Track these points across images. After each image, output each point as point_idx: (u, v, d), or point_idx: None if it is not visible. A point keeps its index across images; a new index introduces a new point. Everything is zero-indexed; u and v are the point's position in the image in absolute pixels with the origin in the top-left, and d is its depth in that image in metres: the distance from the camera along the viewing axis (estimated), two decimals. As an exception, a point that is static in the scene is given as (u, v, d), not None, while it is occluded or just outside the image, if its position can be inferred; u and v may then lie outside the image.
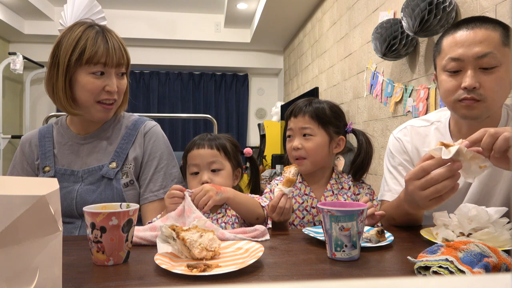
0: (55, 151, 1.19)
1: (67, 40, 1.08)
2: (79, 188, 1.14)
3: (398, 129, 1.26)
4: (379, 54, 2.18)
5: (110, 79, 1.11)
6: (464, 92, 0.99)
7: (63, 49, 1.08)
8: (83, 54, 1.06)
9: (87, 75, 1.09)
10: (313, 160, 1.19)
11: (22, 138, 1.26)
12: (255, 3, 4.54)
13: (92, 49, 1.07)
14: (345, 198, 1.21)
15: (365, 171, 1.24)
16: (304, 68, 4.54)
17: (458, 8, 1.79)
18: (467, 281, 0.35)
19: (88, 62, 1.07)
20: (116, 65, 1.11)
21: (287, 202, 1.04)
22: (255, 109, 6.39)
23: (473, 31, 1.00)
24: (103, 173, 1.15)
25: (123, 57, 1.13)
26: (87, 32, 1.09)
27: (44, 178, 0.55)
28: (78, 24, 1.12)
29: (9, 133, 4.90)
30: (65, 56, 1.07)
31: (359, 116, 2.88)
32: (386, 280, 0.32)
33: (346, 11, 3.15)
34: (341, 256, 0.77)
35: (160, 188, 1.19)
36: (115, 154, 1.18)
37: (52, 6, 4.93)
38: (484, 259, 0.66)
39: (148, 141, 1.22)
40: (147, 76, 6.02)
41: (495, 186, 1.08)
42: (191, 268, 0.69)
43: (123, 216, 0.76)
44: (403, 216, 1.06)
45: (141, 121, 1.26)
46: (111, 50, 1.09)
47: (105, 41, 1.09)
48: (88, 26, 1.11)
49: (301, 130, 1.20)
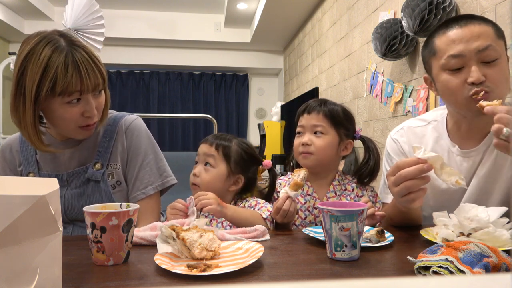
0: (37, 157, 1.15)
1: (32, 67, 0.94)
2: (66, 193, 1.11)
3: (395, 130, 1.26)
4: (379, 54, 2.18)
5: (87, 104, 1.02)
6: (472, 87, 0.98)
7: (28, 77, 0.95)
8: (55, 86, 0.94)
9: (62, 105, 0.98)
10: (319, 157, 1.19)
11: (2, 144, 1.19)
12: (255, 3, 4.54)
13: (64, 82, 0.94)
14: (348, 199, 1.21)
15: (375, 177, 1.25)
16: (304, 68, 4.54)
17: (458, 8, 1.79)
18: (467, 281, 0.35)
19: (61, 94, 0.96)
20: (92, 90, 1.01)
21: (292, 205, 1.04)
22: (255, 109, 6.39)
23: (467, 27, 1.00)
24: (88, 175, 1.11)
25: (98, 79, 1.01)
26: (55, 59, 0.95)
27: (44, 178, 0.54)
28: (41, 41, 0.97)
29: (9, 133, 4.89)
30: (31, 87, 0.94)
31: (359, 116, 2.88)
32: (386, 280, 0.32)
33: (346, 11, 3.15)
34: (341, 256, 0.77)
35: (147, 184, 1.15)
36: (98, 154, 1.13)
37: (52, 6, 4.93)
38: (484, 259, 0.66)
39: (130, 137, 1.17)
40: (147, 76, 6.02)
41: (494, 184, 1.08)
42: (191, 268, 0.69)
43: (123, 216, 0.76)
44: (398, 215, 1.07)
45: (120, 116, 1.20)
46: (85, 78, 0.97)
47: (76, 67, 0.96)
48: (54, 47, 0.96)
49: (313, 127, 1.20)
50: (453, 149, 1.11)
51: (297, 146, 1.22)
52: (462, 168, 1.09)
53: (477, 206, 0.89)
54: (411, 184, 0.87)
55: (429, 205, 1.16)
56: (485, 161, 1.07)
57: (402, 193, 0.89)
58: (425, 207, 1.18)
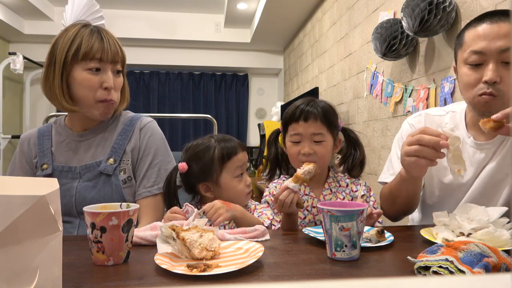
0: (53, 149, 1.20)
1: (63, 40, 1.11)
2: (78, 185, 1.14)
3: (412, 116, 1.27)
4: (379, 54, 2.18)
5: (106, 75, 1.13)
6: (484, 86, 0.99)
7: (59, 48, 1.10)
8: (79, 50, 1.09)
9: (83, 71, 1.10)
10: (321, 164, 1.18)
11: (22, 137, 1.27)
12: (255, 3, 4.54)
13: (88, 45, 1.09)
14: (344, 196, 1.21)
15: (363, 168, 1.25)
16: (304, 68, 4.54)
17: (458, 8, 1.79)
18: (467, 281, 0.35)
19: (84, 59, 1.09)
20: (112, 61, 1.13)
21: (289, 196, 1.01)
22: (255, 109, 6.39)
23: (497, 24, 0.99)
24: (101, 169, 1.15)
25: (118, 53, 1.15)
26: (82, 31, 1.11)
27: (44, 178, 0.55)
28: (74, 24, 1.15)
29: (9, 133, 4.90)
30: (61, 54, 1.10)
31: (359, 116, 2.88)
32: (386, 280, 0.32)
33: (346, 11, 3.15)
34: (341, 256, 0.77)
35: (154, 184, 1.19)
36: (112, 150, 1.18)
37: (52, 6, 4.93)
38: (484, 259, 0.66)
39: (143, 136, 1.22)
40: (147, 76, 6.02)
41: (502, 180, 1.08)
42: (191, 268, 0.69)
43: (123, 216, 0.76)
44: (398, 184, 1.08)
45: (137, 117, 1.27)
46: (106, 46, 1.11)
47: (100, 38, 1.12)
48: (83, 25, 1.14)
49: (313, 136, 1.15)
50: (468, 140, 1.13)
51: (296, 155, 1.17)
52: (474, 160, 1.10)
53: (477, 206, 0.89)
54: (421, 149, 0.90)
55: (435, 194, 1.16)
56: (496, 156, 1.08)
57: (410, 153, 0.91)
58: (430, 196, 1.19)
